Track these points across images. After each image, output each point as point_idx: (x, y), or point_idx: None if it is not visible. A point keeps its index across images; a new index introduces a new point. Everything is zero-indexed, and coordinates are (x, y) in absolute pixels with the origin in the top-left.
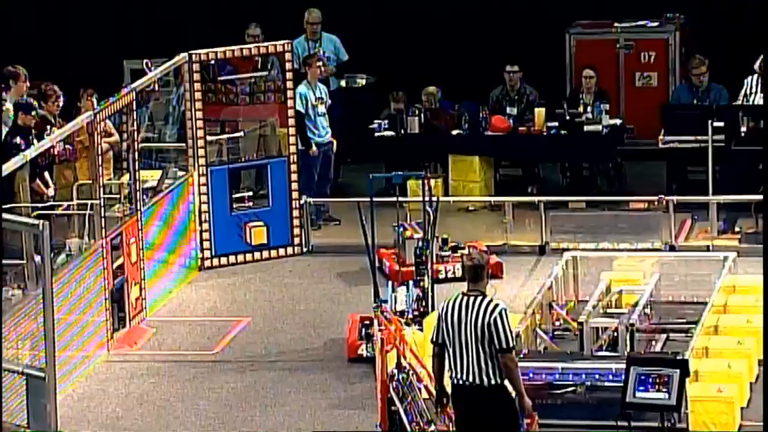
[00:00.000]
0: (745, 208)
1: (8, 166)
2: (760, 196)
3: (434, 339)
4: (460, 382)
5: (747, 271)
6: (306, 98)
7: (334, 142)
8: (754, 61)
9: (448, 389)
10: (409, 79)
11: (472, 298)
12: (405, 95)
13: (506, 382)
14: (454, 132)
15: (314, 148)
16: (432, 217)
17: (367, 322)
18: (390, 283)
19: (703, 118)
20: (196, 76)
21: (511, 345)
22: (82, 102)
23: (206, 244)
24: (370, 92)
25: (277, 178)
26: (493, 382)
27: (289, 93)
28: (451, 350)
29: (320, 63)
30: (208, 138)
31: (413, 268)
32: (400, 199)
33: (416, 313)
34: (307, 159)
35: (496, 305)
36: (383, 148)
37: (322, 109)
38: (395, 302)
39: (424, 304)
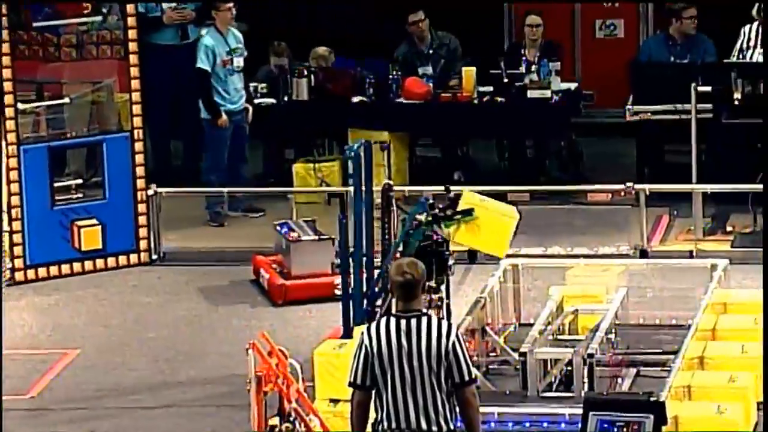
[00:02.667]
0: (739, 200)
1: None
2: (760, 185)
3: (357, 382)
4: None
5: (742, 284)
6: (213, 52)
7: (250, 109)
8: (751, 6)
9: None
10: (293, 28)
11: (413, 320)
12: (290, 49)
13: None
14: (356, 99)
15: (224, 117)
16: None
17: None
18: None
19: (684, 80)
20: (3, 21)
21: (473, 375)
22: None
23: (18, 250)
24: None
25: (116, 160)
26: (446, 428)
27: (132, 46)
28: (387, 392)
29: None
30: (20, 106)
31: (308, 281)
32: (283, 189)
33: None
34: (215, 132)
35: (450, 326)
36: (259, 121)
37: (237, 63)
38: None
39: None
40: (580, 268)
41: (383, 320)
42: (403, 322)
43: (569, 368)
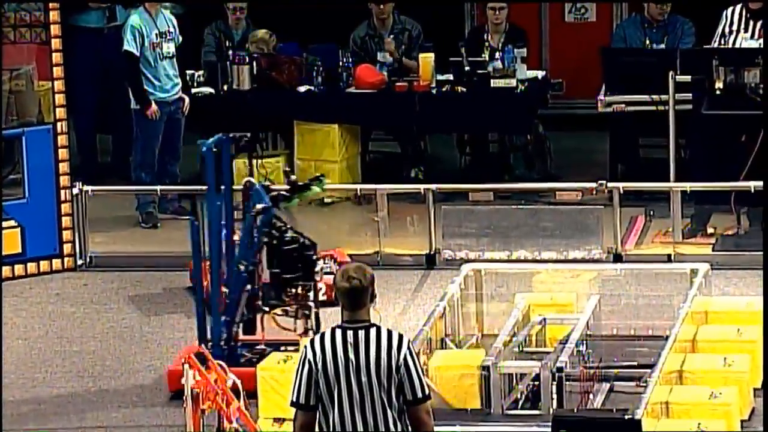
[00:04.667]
0: (721, 200)
1: None
2: (744, 183)
3: (301, 401)
4: None
5: (724, 291)
6: (142, 33)
7: (186, 100)
8: None
9: None
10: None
11: (361, 332)
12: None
13: None
14: (302, 89)
15: (154, 106)
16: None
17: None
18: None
19: (662, 67)
20: None
21: (427, 392)
22: None
23: None
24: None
25: (37, 155)
26: None
27: (54, 29)
28: (334, 411)
29: None
30: None
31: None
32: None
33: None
34: (144, 123)
35: (401, 337)
36: (198, 112)
37: (167, 48)
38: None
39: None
40: (547, 274)
41: (328, 332)
42: (350, 333)
43: (536, 383)
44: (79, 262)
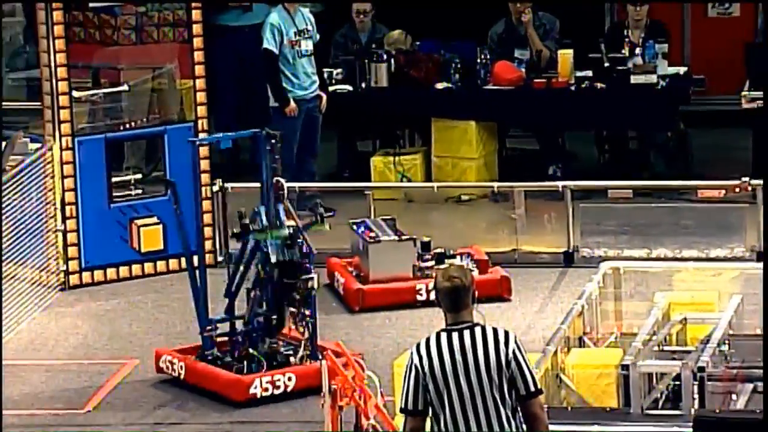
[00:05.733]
0: None
1: None
2: None
3: (409, 407)
4: None
5: None
6: (281, 31)
7: (323, 98)
8: None
9: None
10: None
11: (467, 332)
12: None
13: None
14: (440, 86)
15: (292, 104)
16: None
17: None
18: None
19: None
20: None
21: (539, 386)
22: None
23: (73, 251)
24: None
25: (179, 153)
26: None
27: (196, 28)
28: (445, 414)
29: None
30: (75, 94)
31: (387, 285)
32: (362, 184)
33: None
34: (284, 121)
35: (507, 333)
36: (336, 109)
37: (306, 46)
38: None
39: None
40: (688, 273)
41: (432, 336)
42: (455, 335)
43: (677, 383)
44: (219, 258)
